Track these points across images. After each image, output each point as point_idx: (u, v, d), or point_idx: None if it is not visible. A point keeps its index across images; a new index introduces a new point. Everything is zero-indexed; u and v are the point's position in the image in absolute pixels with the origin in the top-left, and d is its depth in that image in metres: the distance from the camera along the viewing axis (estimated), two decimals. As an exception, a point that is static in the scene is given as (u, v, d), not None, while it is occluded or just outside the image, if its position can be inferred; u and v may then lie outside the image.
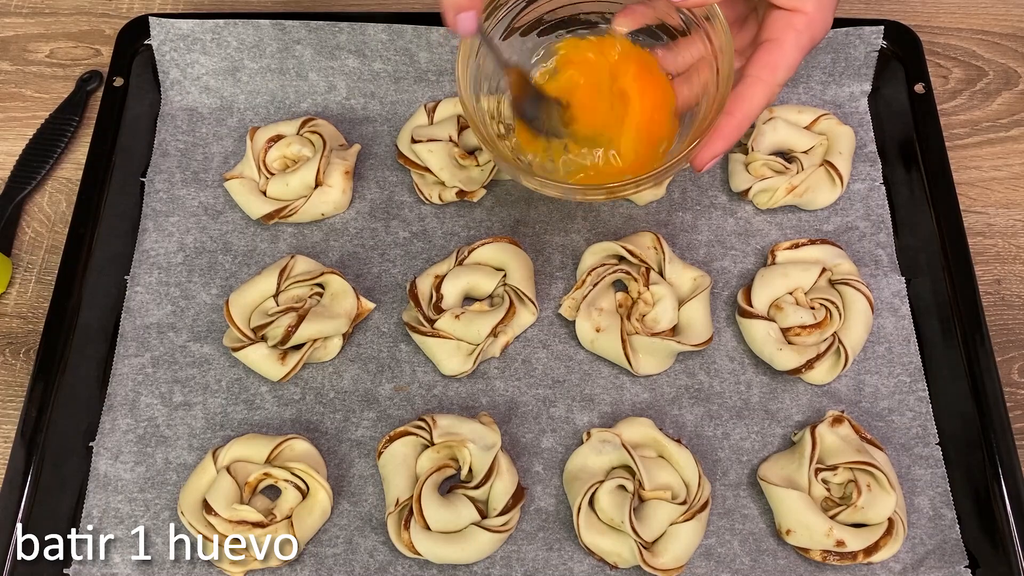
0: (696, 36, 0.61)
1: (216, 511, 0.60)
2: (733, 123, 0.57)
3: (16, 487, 0.62)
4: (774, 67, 0.57)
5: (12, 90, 0.82)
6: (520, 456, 0.65)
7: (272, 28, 0.76)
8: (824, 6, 0.58)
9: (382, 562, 0.62)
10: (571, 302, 0.69)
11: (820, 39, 0.59)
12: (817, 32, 0.58)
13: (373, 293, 0.71)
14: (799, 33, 0.57)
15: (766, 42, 0.58)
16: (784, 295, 0.69)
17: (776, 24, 0.58)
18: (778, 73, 0.58)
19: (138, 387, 0.67)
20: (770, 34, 0.58)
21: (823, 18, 0.58)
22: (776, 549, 0.63)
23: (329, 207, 0.73)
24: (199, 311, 0.70)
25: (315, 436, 0.66)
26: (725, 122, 0.57)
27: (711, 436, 0.66)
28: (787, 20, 0.58)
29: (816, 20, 0.58)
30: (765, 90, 0.57)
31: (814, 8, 0.57)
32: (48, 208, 0.77)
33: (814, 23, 0.58)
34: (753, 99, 0.57)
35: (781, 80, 0.58)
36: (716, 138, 0.57)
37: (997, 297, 0.74)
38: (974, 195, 0.78)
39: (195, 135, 0.77)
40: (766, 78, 0.57)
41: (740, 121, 0.57)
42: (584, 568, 0.62)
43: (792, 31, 0.57)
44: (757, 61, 0.58)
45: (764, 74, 0.57)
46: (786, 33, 0.57)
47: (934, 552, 0.63)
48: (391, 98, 0.79)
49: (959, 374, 0.66)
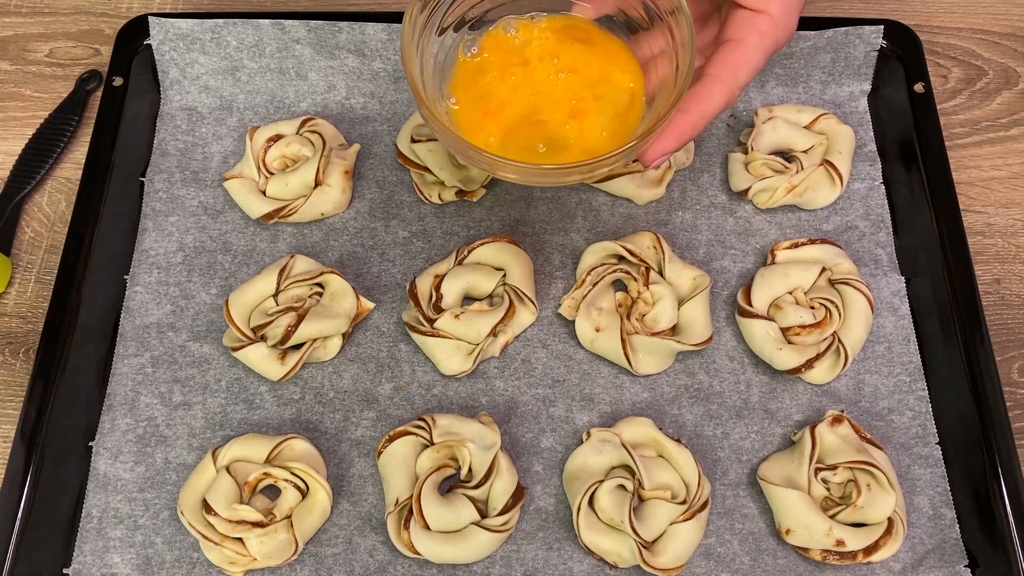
0: (658, 30, 0.59)
1: (216, 511, 0.60)
2: (688, 121, 0.55)
3: (16, 487, 0.62)
4: (735, 67, 0.56)
5: (11, 90, 0.82)
6: (520, 456, 0.65)
7: (272, 28, 0.76)
8: (789, 9, 0.56)
9: (382, 562, 0.62)
10: (571, 302, 0.69)
11: (784, 43, 0.58)
12: (781, 35, 0.57)
13: (373, 293, 0.71)
14: (763, 35, 0.56)
15: (728, 42, 0.57)
16: (784, 295, 0.69)
17: (739, 24, 0.56)
18: (739, 74, 0.56)
19: (138, 387, 0.67)
20: (732, 34, 0.57)
21: (787, 21, 0.57)
22: (776, 549, 0.63)
23: (329, 207, 0.73)
24: (199, 311, 0.70)
25: (315, 436, 0.66)
26: (680, 119, 0.55)
27: (711, 436, 0.66)
28: (750, 21, 0.56)
29: (780, 23, 0.56)
30: (724, 90, 0.56)
31: (779, 10, 0.56)
32: (48, 208, 0.77)
33: (778, 26, 0.56)
34: (711, 99, 0.56)
35: (742, 82, 0.56)
36: (668, 134, 0.55)
37: (997, 296, 0.74)
38: (974, 195, 0.78)
39: (194, 135, 0.77)
40: (726, 78, 0.56)
41: (695, 120, 0.56)
42: (584, 568, 0.62)
43: (756, 32, 0.56)
44: (718, 60, 0.56)
45: (724, 74, 0.56)
46: (749, 34, 0.56)
47: (934, 552, 0.63)
48: (391, 98, 0.79)
49: (959, 374, 0.66)
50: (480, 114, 0.60)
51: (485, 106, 0.60)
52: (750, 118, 0.78)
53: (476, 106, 0.60)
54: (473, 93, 0.60)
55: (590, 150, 0.58)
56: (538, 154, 0.59)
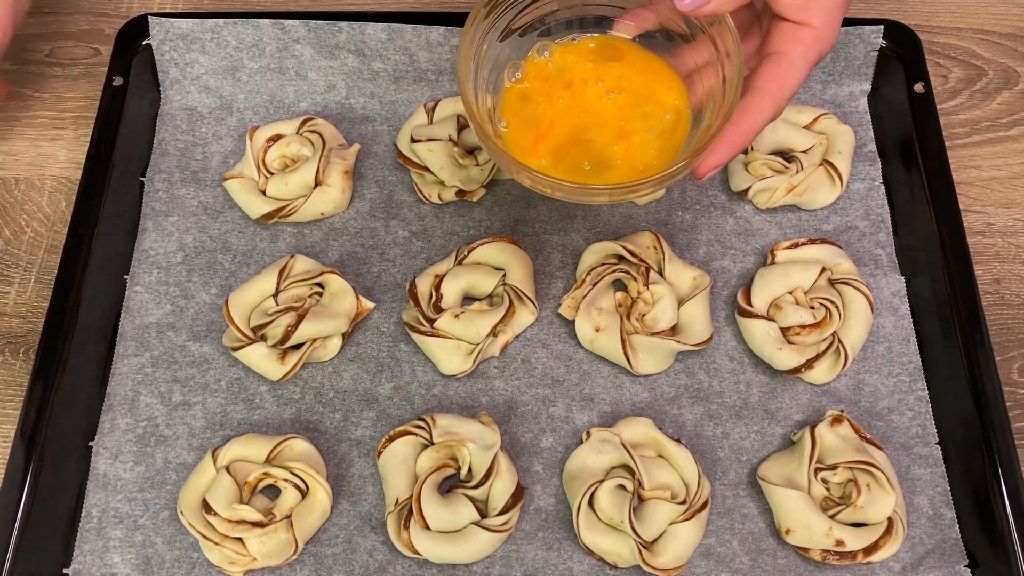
0: (700, 42, 0.59)
1: (216, 511, 0.60)
2: (739, 134, 0.56)
3: (16, 487, 0.62)
4: (781, 80, 0.56)
5: (11, 89, 0.82)
6: (520, 456, 0.65)
7: (271, 27, 0.76)
8: (832, 20, 0.57)
9: (381, 562, 0.62)
10: (571, 302, 0.69)
11: (827, 53, 0.58)
12: (824, 47, 0.57)
13: (373, 293, 0.71)
14: (807, 47, 0.56)
15: (773, 55, 0.57)
16: (784, 295, 0.69)
17: (783, 37, 0.57)
18: (786, 87, 0.56)
19: (137, 387, 0.67)
20: (777, 47, 0.57)
21: (830, 33, 0.57)
22: (776, 549, 0.63)
23: (329, 207, 0.73)
24: (198, 311, 0.70)
25: (315, 436, 0.66)
26: (731, 132, 0.56)
27: (711, 436, 0.66)
28: (794, 33, 0.56)
29: (823, 35, 0.57)
30: (772, 103, 0.56)
31: (822, 23, 0.56)
32: (48, 208, 0.77)
33: (822, 38, 0.57)
34: (760, 112, 0.56)
35: (789, 95, 0.57)
36: (720, 148, 0.56)
37: (997, 296, 0.74)
38: (974, 195, 0.78)
39: (194, 134, 0.77)
40: (774, 91, 0.56)
41: (746, 132, 0.56)
42: (584, 568, 0.62)
43: (800, 44, 0.56)
44: (764, 73, 0.57)
45: (772, 87, 0.56)
46: (794, 46, 0.56)
47: (934, 552, 0.63)
48: (391, 97, 0.79)
49: (959, 374, 0.66)
50: (531, 138, 0.60)
51: (536, 129, 0.60)
52: (750, 118, 0.78)
53: (527, 129, 0.60)
54: (523, 117, 0.61)
55: (638, 169, 0.59)
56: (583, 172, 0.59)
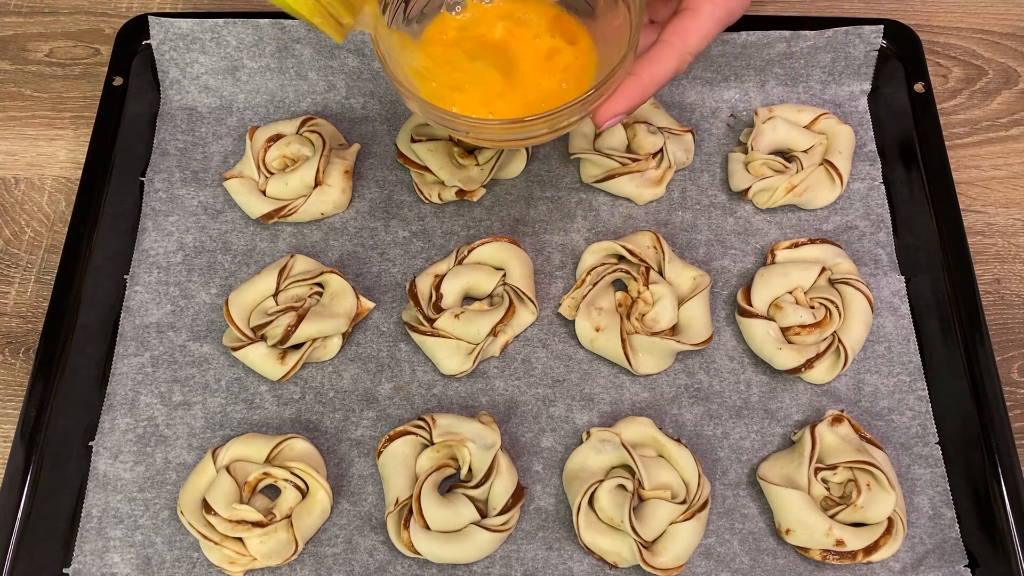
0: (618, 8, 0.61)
1: (216, 511, 0.60)
2: (638, 84, 0.57)
3: (16, 487, 0.62)
4: (686, 34, 0.58)
5: (11, 89, 0.82)
6: (520, 455, 0.65)
7: (271, 27, 0.76)
8: None
9: (382, 562, 0.62)
10: (571, 301, 0.69)
11: (738, 14, 0.59)
12: (734, 6, 0.59)
13: (373, 292, 0.71)
14: (715, 5, 0.58)
15: (683, 11, 0.59)
16: (784, 294, 0.69)
17: None
18: (690, 41, 0.58)
19: (137, 386, 0.67)
20: (688, 4, 0.59)
21: None
22: (776, 548, 0.63)
23: (329, 206, 0.73)
24: (198, 310, 0.70)
25: (315, 435, 0.66)
26: (631, 82, 0.57)
27: (711, 435, 0.66)
28: None
29: None
30: (674, 55, 0.58)
31: None
32: (48, 207, 0.77)
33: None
34: (661, 63, 0.57)
35: (692, 49, 0.58)
36: (619, 97, 0.57)
37: (997, 296, 0.74)
38: (974, 194, 0.78)
39: (194, 134, 0.77)
40: (677, 44, 0.58)
41: (645, 84, 0.57)
42: (584, 568, 0.62)
43: (709, 3, 0.58)
44: (671, 28, 0.58)
45: (675, 40, 0.58)
46: (703, 4, 0.58)
47: (934, 551, 0.63)
48: (391, 98, 0.79)
49: (959, 373, 0.66)
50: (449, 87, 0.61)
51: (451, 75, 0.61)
52: (750, 118, 0.78)
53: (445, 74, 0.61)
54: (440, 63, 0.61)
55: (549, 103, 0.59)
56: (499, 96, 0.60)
